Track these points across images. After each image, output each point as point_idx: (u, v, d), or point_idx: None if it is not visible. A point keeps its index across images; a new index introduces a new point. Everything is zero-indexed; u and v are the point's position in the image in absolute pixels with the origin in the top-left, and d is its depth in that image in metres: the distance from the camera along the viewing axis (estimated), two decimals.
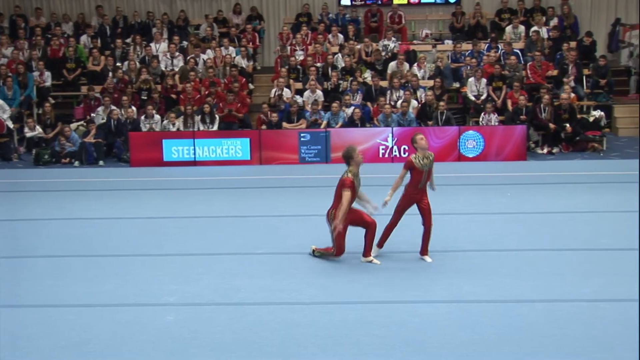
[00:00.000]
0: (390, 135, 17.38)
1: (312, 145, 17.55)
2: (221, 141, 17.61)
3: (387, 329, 7.76)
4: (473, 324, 7.82)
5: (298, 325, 7.89)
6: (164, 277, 9.50)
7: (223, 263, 10.04)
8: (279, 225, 11.86)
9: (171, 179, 15.85)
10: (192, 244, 10.93)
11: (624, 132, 19.90)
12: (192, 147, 17.54)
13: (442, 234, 10.98)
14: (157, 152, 17.56)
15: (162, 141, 17.60)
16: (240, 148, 17.60)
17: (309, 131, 17.77)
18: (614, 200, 13.06)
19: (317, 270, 9.62)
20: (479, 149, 17.28)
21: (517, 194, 13.67)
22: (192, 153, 17.55)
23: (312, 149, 17.56)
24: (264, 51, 24.57)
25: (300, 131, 17.76)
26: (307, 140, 17.56)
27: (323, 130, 17.75)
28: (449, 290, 8.82)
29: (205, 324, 7.99)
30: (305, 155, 17.57)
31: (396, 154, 17.38)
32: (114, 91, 19.75)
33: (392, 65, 20.43)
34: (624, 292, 8.65)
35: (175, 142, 17.61)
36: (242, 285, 9.12)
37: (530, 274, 9.32)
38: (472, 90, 19.40)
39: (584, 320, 7.86)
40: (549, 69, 20.17)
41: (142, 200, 13.98)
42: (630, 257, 9.84)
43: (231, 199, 13.96)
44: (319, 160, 17.52)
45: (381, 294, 8.75)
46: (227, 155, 17.59)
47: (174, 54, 21.29)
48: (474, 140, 17.29)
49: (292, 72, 20.63)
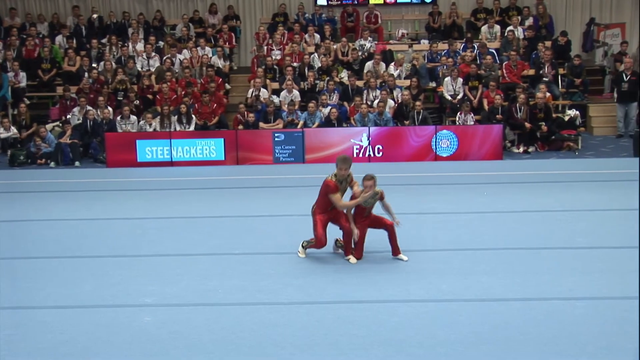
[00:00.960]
0: (366, 134, 17.41)
1: (286, 146, 17.52)
2: (195, 141, 17.56)
3: (366, 328, 7.77)
4: (451, 323, 7.86)
5: (276, 326, 7.89)
6: (142, 278, 9.46)
7: (200, 264, 10.01)
8: (255, 226, 11.84)
9: (148, 180, 15.78)
10: (169, 245, 10.89)
11: (599, 131, 20.06)
12: (169, 148, 17.48)
13: (419, 234, 11.02)
14: (133, 153, 17.48)
15: (138, 142, 17.53)
16: (214, 148, 17.56)
17: (283, 131, 17.74)
18: (589, 199, 13.16)
19: (295, 271, 9.62)
20: (452, 148, 17.33)
21: (493, 193, 13.74)
22: (169, 153, 17.50)
23: (287, 149, 17.53)
24: (240, 51, 24.54)
25: (275, 131, 17.73)
26: (282, 140, 17.53)
27: (297, 130, 17.75)
28: (427, 290, 8.86)
29: (183, 325, 7.96)
30: (280, 156, 17.55)
31: (371, 154, 17.41)
32: (90, 92, 19.64)
33: (368, 65, 20.47)
34: (599, 290, 8.74)
35: (151, 142, 17.55)
36: (219, 286, 9.10)
37: (507, 272, 9.38)
38: (449, 89, 19.48)
39: (559, 319, 7.91)
40: (525, 69, 20.31)
41: (118, 201, 13.91)
42: (604, 256, 9.95)
43: (208, 199, 13.93)
44: (293, 160, 17.50)
45: (360, 294, 8.77)
46: (202, 155, 17.54)
47: (150, 54, 21.20)
48: (448, 140, 17.34)
49: (269, 72, 20.62)
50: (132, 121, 18.42)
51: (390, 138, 17.40)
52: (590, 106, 20.44)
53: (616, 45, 22.28)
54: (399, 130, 17.63)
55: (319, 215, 9.86)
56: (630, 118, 19.37)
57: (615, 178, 14.74)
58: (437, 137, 17.32)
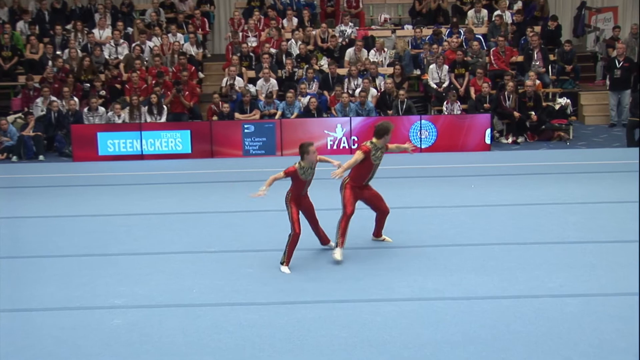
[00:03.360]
0: (340, 125, 17.40)
1: (256, 138, 17.48)
2: (160, 133, 17.49)
3: (348, 328, 7.80)
4: (437, 322, 7.91)
5: (254, 327, 7.90)
6: (110, 278, 9.44)
7: (173, 263, 10.00)
8: (231, 222, 11.84)
9: (116, 175, 15.73)
10: (139, 243, 10.87)
11: (591, 120, 20.19)
12: (139, 140, 17.43)
13: (404, 229, 11.07)
14: (103, 146, 17.41)
15: (106, 134, 17.47)
16: (180, 141, 17.52)
17: (253, 122, 17.71)
18: (580, 191, 13.26)
19: (274, 269, 9.63)
20: (431, 139, 17.38)
21: (481, 186, 13.80)
22: (139, 146, 17.44)
23: (257, 141, 17.50)
24: (214, 38, 24.44)
25: (244, 122, 17.70)
26: (251, 132, 17.49)
27: (269, 121, 17.73)
28: (412, 288, 8.90)
29: (155, 327, 7.96)
30: (250, 148, 17.51)
31: (346, 146, 17.42)
32: (54, 81, 19.52)
33: (349, 52, 20.49)
34: (591, 287, 8.82)
35: (119, 134, 17.49)
36: (194, 286, 9.10)
37: (496, 269, 9.44)
38: (434, 77, 19.54)
39: (550, 317, 7.98)
40: (513, 55, 20.39)
41: (85, 197, 13.85)
42: (597, 250, 10.04)
43: (179, 194, 13.89)
44: (264, 153, 17.48)
45: (341, 293, 8.80)
46: (167, 148, 17.49)
47: (118, 41, 21.10)
48: (427, 131, 17.41)
49: (244, 59, 20.57)
50: (100, 113, 18.33)
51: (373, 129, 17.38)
52: (582, 94, 20.56)
53: (608, 30, 22.42)
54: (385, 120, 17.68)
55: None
56: (623, 106, 19.49)
57: (607, 169, 14.85)
58: (414, 128, 17.36)
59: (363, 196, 10.07)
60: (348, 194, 9.92)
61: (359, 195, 10.01)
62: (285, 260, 9.63)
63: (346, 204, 9.89)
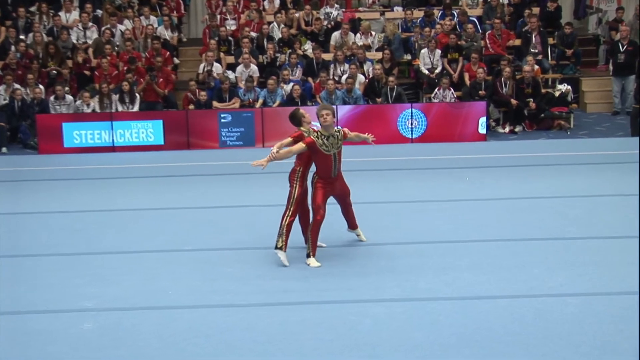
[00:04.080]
0: None
1: (234, 128, 17.48)
2: (130, 124, 17.46)
3: (334, 331, 7.81)
4: (430, 324, 7.93)
5: (233, 330, 7.90)
6: (80, 279, 9.42)
7: (147, 262, 9.99)
8: (208, 219, 11.83)
9: (85, 168, 15.69)
10: (111, 241, 10.85)
11: (593, 108, 20.26)
12: (110, 131, 17.38)
13: (394, 225, 11.09)
14: (68, 137, 17.36)
15: (72, 124, 17.42)
16: (152, 132, 17.50)
17: (230, 111, 17.69)
18: (582, 184, 13.32)
19: (254, 269, 9.63)
20: (422, 128, 17.41)
21: (476, 179, 13.85)
22: (109, 138, 17.39)
23: (234, 131, 17.49)
24: (190, 21, 24.41)
25: (220, 111, 17.68)
26: (228, 121, 17.47)
27: (247, 110, 17.71)
28: (403, 288, 8.92)
29: (128, 331, 7.95)
30: (227, 139, 17.51)
31: None
32: (18, 67, 19.41)
33: (335, 36, 20.48)
34: (593, 285, 8.86)
35: (89, 125, 17.45)
36: (169, 287, 9.09)
37: (492, 267, 9.47)
38: (425, 62, 19.56)
39: (550, 317, 8.01)
40: (510, 39, 20.43)
41: (52, 192, 13.81)
42: (599, 247, 10.09)
43: (153, 189, 13.87)
44: (242, 144, 17.46)
45: (327, 293, 8.81)
46: (137, 139, 17.46)
47: (86, 25, 21.00)
48: (416, 120, 17.44)
49: (223, 44, 20.54)
50: (68, 101, 18.26)
51: (361, 118, 17.43)
52: (583, 80, 20.63)
53: (611, 11, 22.48)
54: (371, 109, 17.73)
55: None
56: (628, 93, 19.56)
57: (611, 160, 14.92)
58: (402, 117, 17.40)
59: (335, 192, 9.85)
60: (320, 194, 9.64)
61: (329, 193, 9.79)
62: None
63: (316, 208, 9.61)
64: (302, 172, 9.75)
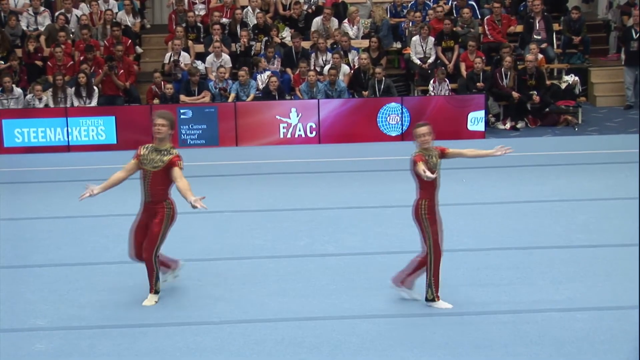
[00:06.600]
0: (295, 110, 17.40)
1: (195, 125, 17.46)
2: (79, 120, 17.42)
3: (317, 351, 7.82)
4: (422, 342, 7.95)
5: (204, 351, 7.90)
6: (31, 294, 9.39)
7: (107, 275, 9.98)
8: (174, 227, 11.78)
9: (36, 170, 15.64)
10: (65, 252, 10.82)
11: (603, 102, 20.32)
12: (64, 129, 17.32)
13: (383, 232, 11.13)
14: (9, 136, 17.32)
15: (12, 122, 17.40)
16: (103, 129, 17.47)
17: (189, 106, 17.66)
18: (591, 186, 13.38)
19: (227, 281, 9.63)
20: (404, 124, 17.43)
21: (474, 180, 13.88)
22: (65, 136, 17.34)
23: (195, 128, 17.49)
24: (154, 5, 24.37)
25: (180, 107, 17.65)
26: (189, 118, 17.42)
27: (210, 105, 17.70)
28: (392, 303, 8.93)
29: (85, 353, 7.93)
30: (187, 138, 17.49)
31: (301, 134, 17.46)
32: None
33: (316, 22, 20.48)
34: (603, 298, 8.90)
35: (39, 122, 17.44)
36: (132, 303, 9.07)
37: (491, 278, 9.50)
38: (417, 51, 19.59)
39: (557, 335, 8.04)
40: (511, 24, 20.47)
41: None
42: (610, 256, 10.13)
43: (112, 194, 13.75)
44: (204, 143, 17.46)
45: (308, 309, 8.82)
46: (87, 138, 17.44)
47: (37, 10, 20.93)
48: (397, 115, 17.45)
49: (191, 31, 20.50)
50: (17, 95, 18.18)
51: (346, 113, 17.47)
52: (593, 70, 20.70)
53: None
54: (356, 104, 17.77)
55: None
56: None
57: (623, 159, 14.97)
58: (382, 112, 17.46)
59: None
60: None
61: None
62: (436, 295, 8.81)
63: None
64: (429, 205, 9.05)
